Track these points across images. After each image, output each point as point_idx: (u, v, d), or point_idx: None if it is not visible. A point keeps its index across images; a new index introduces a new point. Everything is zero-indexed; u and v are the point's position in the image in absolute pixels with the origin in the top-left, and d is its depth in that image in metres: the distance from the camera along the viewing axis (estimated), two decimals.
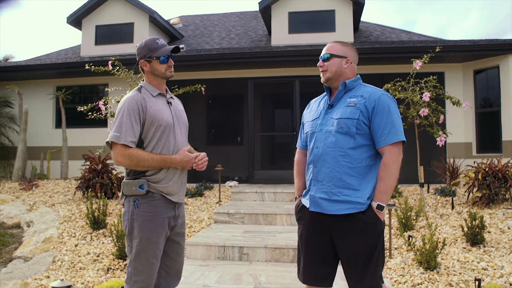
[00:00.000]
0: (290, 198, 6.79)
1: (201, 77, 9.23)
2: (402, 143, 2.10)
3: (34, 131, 9.85)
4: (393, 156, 2.06)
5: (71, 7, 59.03)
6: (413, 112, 5.79)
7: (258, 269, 4.15)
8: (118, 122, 2.14)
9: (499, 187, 5.56)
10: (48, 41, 60.91)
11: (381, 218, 2.06)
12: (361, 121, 2.08)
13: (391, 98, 2.15)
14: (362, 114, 2.08)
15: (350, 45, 2.28)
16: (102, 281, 3.85)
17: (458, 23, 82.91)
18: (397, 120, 2.10)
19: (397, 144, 2.07)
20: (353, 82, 2.20)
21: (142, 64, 2.29)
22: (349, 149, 2.08)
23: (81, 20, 10.97)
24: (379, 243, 2.08)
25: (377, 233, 2.07)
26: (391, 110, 2.09)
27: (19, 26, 66.19)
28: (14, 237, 5.32)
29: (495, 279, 3.50)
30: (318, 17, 10.00)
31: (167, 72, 2.31)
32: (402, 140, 2.09)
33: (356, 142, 2.08)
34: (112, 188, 6.60)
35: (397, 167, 2.07)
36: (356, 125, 2.07)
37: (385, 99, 2.11)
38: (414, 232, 4.88)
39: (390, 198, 2.12)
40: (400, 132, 2.09)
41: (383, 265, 2.13)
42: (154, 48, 2.26)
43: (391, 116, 2.08)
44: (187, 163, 2.26)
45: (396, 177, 2.07)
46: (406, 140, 2.13)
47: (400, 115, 2.16)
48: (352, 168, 2.08)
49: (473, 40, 8.74)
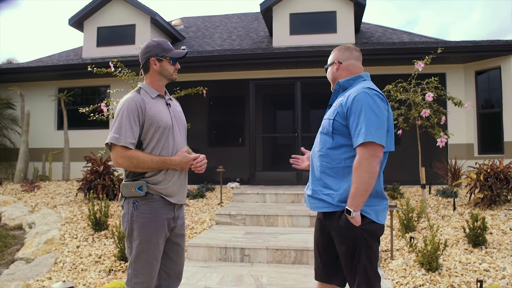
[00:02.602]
0: (292, 200, 6.79)
1: (203, 78, 9.25)
2: (376, 144, 1.91)
3: (36, 133, 9.88)
4: (361, 158, 1.92)
5: (73, 9, 59.15)
6: (415, 113, 5.79)
7: (259, 270, 4.14)
8: (117, 123, 2.14)
9: (501, 188, 5.54)
10: (50, 42, 61.09)
11: (353, 223, 1.95)
12: (337, 121, 2.05)
13: (371, 96, 1.99)
14: (338, 114, 2.06)
15: (340, 47, 2.29)
16: (104, 282, 3.85)
17: (460, 22, 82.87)
18: (370, 119, 1.93)
19: (367, 145, 1.91)
20: (349, 80, 2.18)
21: (152, 63, 2.28)
22: (328, 149, 2.08)
23: (83, 22, 10.99)
24: (358, 249, 1.98)
25: (352, 238, 1.98)
26: (365, 109, 1.95)
27: (21, 27, 66.36)
28: (16, 239, 5.33)
29: (497, 280, 3.49)
30: (320, 18, 10.00)
31: (174, 74, 2.34)
32: (371, 140, 1.90)
33: (335, 142, 2.06)
34: (113, 189, 6.61)
35: (367, 170, 1.90)
36: (333, 125, 2.06)
37: (360, 98, 1.98)
38: (416, 233, 4.87)
39: (361, 204, 1.93)
40: (370, 133, 1.91)
41: (373, 272, 2.00)
42: (167, 49, 2.29)
43: (365, 115, 1.94)
44: (186, 164, 2.26)
45: (366, 181, 1.90)
46: (383, 144, 1.94)
47: (382, 113, 1.98)
48: (330, 168, 2.07)
49: (474, 41, 8.73)
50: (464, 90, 8.60)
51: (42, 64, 10.22)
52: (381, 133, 1.94)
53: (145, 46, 2.32)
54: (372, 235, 2.02)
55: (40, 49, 60.77)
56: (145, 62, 2.29)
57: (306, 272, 4.02)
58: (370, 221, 2.00)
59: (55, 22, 74.13)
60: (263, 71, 9.21)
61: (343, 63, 2.22)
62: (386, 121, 2.01)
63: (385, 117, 2.00)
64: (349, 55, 2.23)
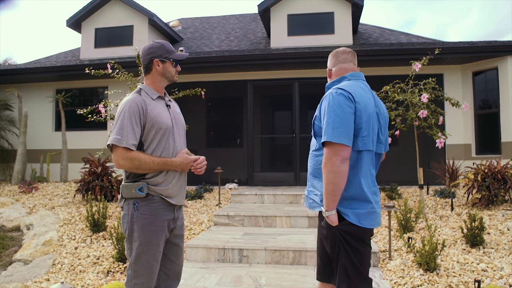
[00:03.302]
0: (290, 200, 6.79)
1: (201, 79, 9.25)
2: (336, 144, 1.90)
3: (34, 134, 9.86)
4: (325, 158, 1.93)
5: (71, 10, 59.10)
6: (412, 114, 5.80)
7: (258, 271, 4.15)
8: (119, 124, 2.14)
9: (499, 189, 5.56)
10: (47, 43, 60.99)
11: (329, 222, 1.98)
12: (316, 124, 2.12)
13: (334, 96, 1.99)
14: (317, 117, 2.12)
15: (331, 53, 2.34)
16: (102, 283, 3.85)
17: (458, 23, 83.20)
18: (330, 119, 1.93)
19: (328, 145, 1.92)
20: (333, 82, 2.22)
21: (155, 63, 2.29)
22: (314, 151, 2.17)
23: (81, 23, 10.99)
24: (337, 249, 2.00)
25: (332, 237, 2.02)
26: (328, 110, 1.96)
27: (19, 28, 66.24)
28: (14, 240, 5.32)
29: (494, 280, 3.50)
30: (317, 19, 10.03)
31: (175, 76, 2.37)
32: (329, 140, 1.91)
33: (318, 145, 2.12)
34: (112, 190, 6.60)
35: (330, 169, 1.90)
36: (314, 128, 2.14)
37: (327, 99, 2.01)
38: (414, 233, 4.88)
39: (332, 203, 1.94)
40: (328, 133, 1.91)
41: (356, 273, 1.99)
42: (170, 51, 2.32)
43: (328, 115, 1.96)
44: (187, 165, 2.27)
45: (332, 181, 1.90)
46: (344, 142, 1.90)
47: (344, 111, 1.94)
48: (315, 170, 2.14)
49: (471, 41, 8.77)
50: (461, 91, 8.64)
51: (39, 65, 10.20)
52: (340, 132, 1.91)
53: (149, 46, 2.32)
54: (353, 237, 2.00)
55: (38, 50, 60.67)
56: (148, 62, 2.30)
57: (304, 272, 4.02)
58: (349, 223, 1.99)
59: (53, 23, 74.03)
60: (261, 72, 9.22)
61: (332, 70, 2.28)
62: (351, 119, 1.95)
63: (348, 114, 1.95)
64: (335, 60, 2.28)
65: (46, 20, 75.84)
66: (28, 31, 66.95)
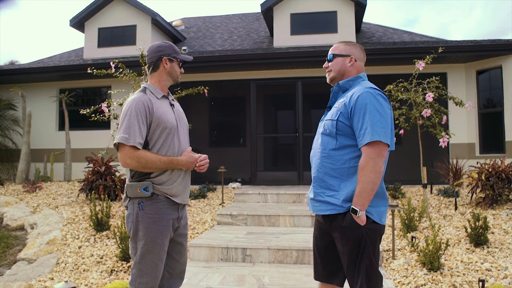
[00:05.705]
0: (293, 200, 6.79)
1: (203, 79, 9.26)
2: (382, 144, 1.93)
3: (38, 134, 9.89)
4: (367, 157, 1.93)
5: (74, 10, 59.24)
6: (416, 113, 5.78)
7: (261, 270, 4.15)
8: (126, 123, 2.14)
9: (503, 188, 5.54)
10: (51, 43, 61.19)
11: (359, 222, 1.97)
12: (340, 121, 2.05)
13: (374, 95, 2.00)
14: (342, 114, 2.05)
15: (354, 43, 2.26)
16: (105, 283, 3.86)
17: (461, 21, 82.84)
18: (375, 119, 1.94)
19: (373, 145, 1.93)
20: (349, 81, 2.17)
21: (164, 62, 2.32)
22: (331, 150, 2.08)
23: (84, 23, 11.02)
24: (362, 249, 1.99)
25: (357, 237, 1.99)
26: (370, 109, 1.96)
27: (22, 28, 66.45)
28: (18, 239, 5.34)
29: (499, 280, 3.49)
30: (320, 18, 10.01)
31: (179, 77, 2.41)
32: (378, 140, 1.92)
33: (339, 143, 2.06)
34: (115, 190, 6.62)
35: (373, 169, 1.91)
36: (336, 126, 2.06)
37: (364, 97, 1.99)
38: (417, 233, 4.87)
39: (367, 203, 1.94)
40: (376, 132, 1.92)
41: (373, 272, 2.00)
42: (178, 52, 2.37)
43: (369, 115, 1.95)
44: (192, 163, 2.29)
45: (372, 181, 1.91)
46: (389, 143, 1.96)
47: (386, 113, 1.99)
48: (334, 170, 2.06)
49: (475, 40, 8.73)
50: (465, 90, 8.60)
51: (43, 65, 10.23)
52: (386, 132, 1.95)
53: (158, 45, 2.35)
54: (375, 235, 2.04)
55: (41, 50, 60.91)
56: (157, 60, 2.32)
57: (307, 272, 4.02)
58: (373, 221, 2.01)
59: (56, 23, 74.26)
60: (264, 71, 9.21)
61: (357, 62, 2.21)
62: (391, 120, 2.03)
63: (389, 116, 2.01)
64: (363, 56, 2.25)
65: (50, 20, 76.10)
66: (31, 31, 67.18)
